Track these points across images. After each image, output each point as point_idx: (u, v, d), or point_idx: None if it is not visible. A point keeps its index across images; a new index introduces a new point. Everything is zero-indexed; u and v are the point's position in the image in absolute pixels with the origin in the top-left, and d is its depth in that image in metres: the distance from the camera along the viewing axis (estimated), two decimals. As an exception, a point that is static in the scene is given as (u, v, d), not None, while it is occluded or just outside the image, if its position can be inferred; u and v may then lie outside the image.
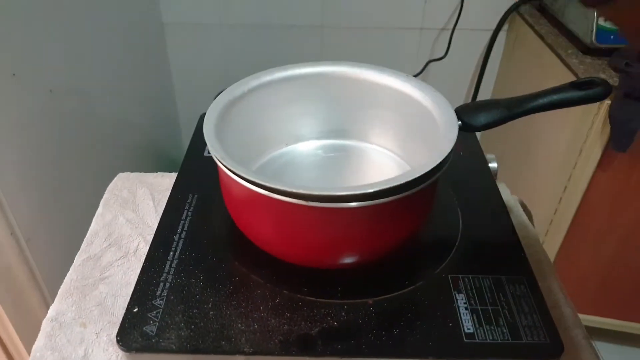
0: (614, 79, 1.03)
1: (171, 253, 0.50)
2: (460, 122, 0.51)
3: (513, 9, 1.31)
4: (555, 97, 0.52)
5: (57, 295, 0.56)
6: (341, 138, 0.60)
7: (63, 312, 0.54)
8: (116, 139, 1.11)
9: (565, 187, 1.13)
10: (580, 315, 1.32)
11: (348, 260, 0.47)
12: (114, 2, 1.08)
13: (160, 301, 0.46)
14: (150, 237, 0.62)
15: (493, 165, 0.62)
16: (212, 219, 0.54)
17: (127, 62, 1.17)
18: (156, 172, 1.28)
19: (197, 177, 0.59)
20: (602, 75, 1.05)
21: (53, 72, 0.85)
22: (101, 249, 0.61)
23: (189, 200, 0.56)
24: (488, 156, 0.63)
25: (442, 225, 0.54)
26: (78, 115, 0.94)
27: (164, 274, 0.48)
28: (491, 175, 0.60)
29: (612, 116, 1.03)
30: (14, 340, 0.81)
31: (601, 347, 1.39)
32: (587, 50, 1.10)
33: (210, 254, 0.50)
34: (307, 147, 0.60)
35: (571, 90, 0.52)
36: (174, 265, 0.49)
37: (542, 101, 0.52)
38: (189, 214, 0.54)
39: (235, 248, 0.51)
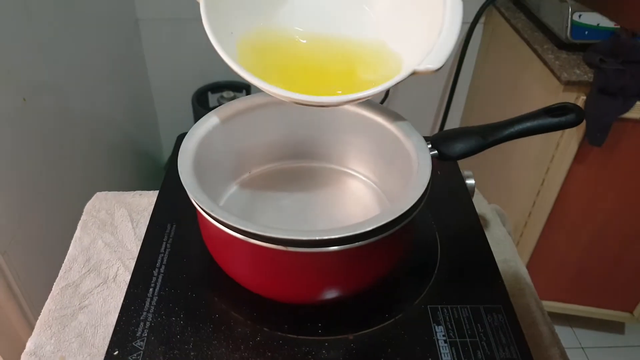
0: (588, 75, 1.03)
1: (151, 289, 0.49)
2: (436, 152, 0.50)
3: (490, 2, 1.29)
4: (529, 124, 0.52)
5: (35, 327, 0.55)
6: (317, 161, 0.59)
7: (42, 345, 0.53)
8: (94, 139, 1.08)
9: (543, 180, 1.14)
10: (557, 303, 1.35)
11: (328, 296, 0.46)
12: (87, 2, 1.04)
13: (141, 342, 0.45)
14: (129, 262, 0.61)
15: (470, 182, 0.62)
16: (191, 252, 0.53)
17: (103, 60, 1.13)
18: (136, 171, 1.26)
19: (175, 203, 0.58)
20: (577, 71, 1.05)
21: (25, 79, 0.82)
22: (80, 276, 0.60)
23: (167, 231, 0.55)
24: (465, 173, 0.63)
25: (420, 251, 0.54)
26: (54, 119, 0.91)
27: (144, 313, 0.47)
28: (468, 195, 0.60)
29: (587, 111, 1.03)
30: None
31: (577, 332, 1.43)
32: (562, 45, 1.10)
33: (189, 289, 0.49)
34: (286, 169, 0.59)
35: (545, 117, 0.52)
36: (153, 302, 0.48)
37: (517, 128, 0.52)
38: (168, 246, 0.53)
39: (215, 283, 0.50)
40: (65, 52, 0.95)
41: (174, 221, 0.56)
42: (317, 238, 0.39)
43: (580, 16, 1.07)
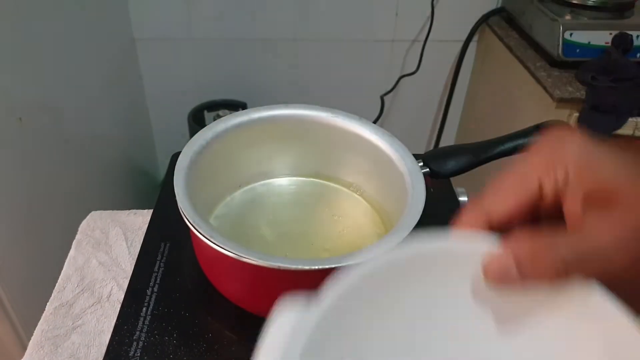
0: (581, 92, 1.04)
1: (144, 309, 0.49)
2: (428, 169, 0.51)
3: (482, 21, 1.31)
4: (520, 141, 0.52)
5: (28, 347, 0.54)
6: (311, 177, 0.60)
7: (35, 366, 0.53)
8: (90, 157, 1.09)
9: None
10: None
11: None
12: (83, 18, 1.05)
13: (134, 362, 0.45)
14: (123, 281, 0.61)
15: (463, 199, 0.63)
16: (185, 271, 0.53)
17: (99, 80, 1.14)
18: (132, 188, 1.26)
19: (169, 222, 0.58)
20: (569, 88, 1.06)
21: (21, 99, 0.83)
22: (73, 295, 0.59)
23: (161, 250, 0.55)
24: (458, 189, 0.63)
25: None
26: (50, 138, 0.92)
27: (137, 332, 0.47)
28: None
29: (580, 128, 1.04)
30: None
31: None
32: (554, 63, 1.11)
33: (183, 308, 0.49)
34: (279, 185, 0.59)
35: (536, 134, 0.52)
36: (147, 322, 0.48)
37: (507, 146, 0.52)
38: (161, 265, 0.53)
39: (208, 302, 0.50)
40: (62, 71, 0.96)
41: (168, 240, 0.56)
42: (316, 268, 0.39)
43: (571, 34, 1.08)
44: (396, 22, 1.32)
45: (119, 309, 0.49)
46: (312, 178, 0.59)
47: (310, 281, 0.44)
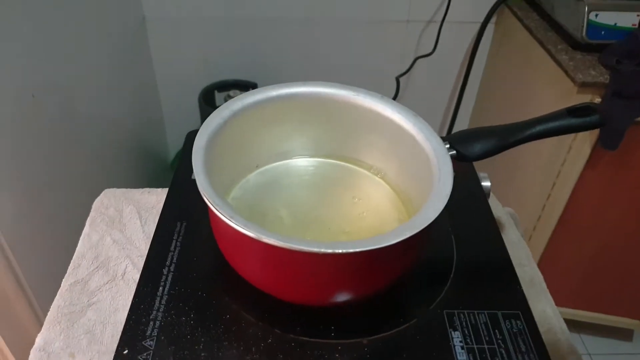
0: (604, 76, 1.01)
1: (160, 288, 0.48)
2: (454, 152, 0.49)
3: (502, 1, 1.28)
4: (551, 125, 0.50)
5: (45, 323, 0.54)
6: (329, 158, 0.58)
7: (51, 341, 0.52)
8: (101, 136, 1.08)
9: (554, 184, 1.13)
10: (565, 309, 1.34)
11: (342, 299, 0.45)
12: (94, 2, 1.03)
13: (151, 342, 0.44)
14: (137, 260, 0.60)
15: (486, 184, 0.61)
16: (202, 250, 0.52)
17: (109, 59, 1.12)
18: (143, 169, 1.25)
19: (185, 202, 0.57)
20: (592, 72, 1.03)
21: (34, 75, 0.82)
22: (88, 272, 0.59)
23: (177, 229, 0.54)
24: (480, 174, 0.62)
25: (436, 254, 0.52)
26: (61, 117, 0.91)
27: (154, 312, 0.46)
28: (484, 197, 0.59)
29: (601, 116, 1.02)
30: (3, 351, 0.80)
31: (584, 339, 1.41)
32: (577, 45, 1.08)
33: (200, 289, 0.48)
34: (297, 166, 0.58)
35: (567, 118, 0.50)
36: (163, 302, 0.47)
37: (538, 129, 0.50)
38: (178, 244, 0.52)
39: (226, 283, 0.49)
40: (73, 50, 0.94)
41: (184, 219, 0.55)
42: (339, 252, 0.38)
43: (597, 15, 1.04)
44: (411, 3, 1.29)
45: (133, 288, 0.48)
46: (332, 159, 0.58)
47: (330, 264, 0.43)
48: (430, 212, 0.41)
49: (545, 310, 0.57)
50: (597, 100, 1.02)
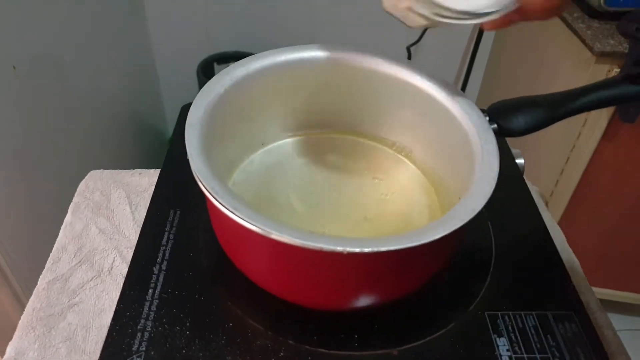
0: (624, 46, 0.92)
1: (150, 291, 0.39)
2: (495, 126, 0.40)
3: (513, -32, 1.17)
4: (607, 92, 0.41)
5: (17, 329, 0.45)
6: (345, 133, 0.49)
7: (24, 350, 0.44)
8: (92, 111, 0.97)
9: (568, 158, 1.04)
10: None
11: (366, 302, 0.37)
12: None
13: (138, 358, 0.35)
14: (127, 252, 0.51)
15: (520, 161, 0.52)
16: (199, 244, 0.43)
17: (103, 30, 1.02)
18: (140, 147, 1.14)
19: (179, 186, 0.48)
20: (611, 41, 0.94)
21: (14, 46, 0.71)
22: (70, 267, 0.50)
23: (170, 219, 0.44)
24: (514, 151, 0.53)
25: (472, 246, 0.43)
26: (49, 90, 0.81)
27: (142, 320, 0.37)
28: (521, 177, 0.50)
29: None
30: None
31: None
32: (594, 13, 0.98)
33: (197, 291, 0.39)
34: (309, 143, 0.49)
35: (625, 85, 0.41)
36: (153, 307, 0.38)
37: (591, 98, 0.41)
38: (171, 237, 0.43)
39: (228, 283, 0.40)
40: (61, 19, 0.84)
41: (178, 207, 0.45)
42: (368, 250, 0.29)
43: (614, -19, 0.95)
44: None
45: (122, 284, 0.40)
46: (349, 135, 0.48)
47: (355, 264, 0.34)
48: (476, 199, 0.32)
49: (589, 304, 0.48)
50: (616, 70, 0.93)
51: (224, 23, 1.23)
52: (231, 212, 0.31)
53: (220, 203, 0.31)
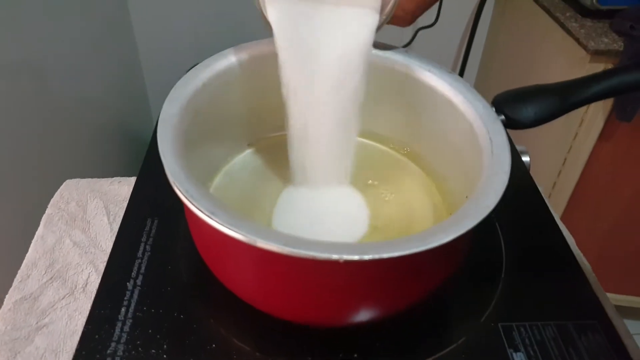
0: (618, 43, 0.89)
1: (123, 309, 0.34)
2: (503, 117, 0.36)
3: (502, -31, 1.14)
4: (618, 79, 0.37)
5: (-22, 355, 0.40)
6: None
7: (-15, 380, 0.39)
8: (73, 118, 0.92)
9: (565, 159, 1.00)
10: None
11: (365, 316, 0.32)
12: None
13: (108, 388, 0.30)
14: (103, 266, 0.46)
15: (526, 159, 0.48)
16: (178, 256, 0.38)
17: (87, 34, 0.97)
18: (126, 157, 1.08)
19: (157, 192, 0.43)
20: (605, 40, 0.90)
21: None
22: (40, 285, 0.45)
23: (147, 229, 0.40)
24: (519, 148, 0.49)
25: (480, 249, 0.39)
26: (27, 97, 0.75)
27: (113, 343, 0.32)
28: (528, 175, 0.46)
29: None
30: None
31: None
32: (586, 12, 0.95)
33: (176, 309, 0.34)
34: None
35: (637, 71, 0.37)
36: (126, 328, 0.33)
37: (605, 85, 0.37)
38: (147, 248, 0.38)
39: (210, 299, 0.35)
40: (41, 22, 0.79)
41: (156, 215, 0.41)
42: (368, 258, 0.24)
43: (606, -20, 0.92)
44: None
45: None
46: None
47: (354, 274, 0.29)
48: (488, 195, 0.28)
49: (605, 309, 0.44)
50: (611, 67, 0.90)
51: (214, 28, 1.18)
52: (209, 217, 0.26)
53: (196, 207, 0.27)
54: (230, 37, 1.19)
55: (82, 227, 0.50)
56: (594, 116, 0.94)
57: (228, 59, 0.37)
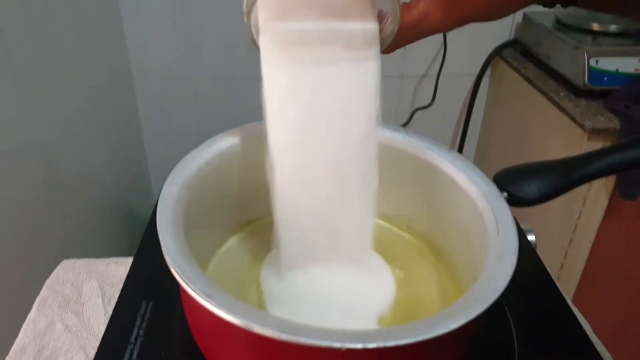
0: (614, 122, 0.90)
1: (111, 402, 0.32)
2: (505, 194, 0.35)
3: (495, 54, 1.19)
4: (622, 156, 0.37)
5: None
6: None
7: None
8: (77, 198, 0.92)
9: (571, 240, 0.99)
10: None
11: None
12: (77, 49, 0.91)
13: None
14: (94, 352, 0.44)
15: (532, 238, 0.47)
16: (173, 341, 0.36)
17: (94, 116, 0.99)
18: (127, 236, 1.06)
19: (154, 273, 0.42)
20: (601, 118, 0.92)
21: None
22: (27, 373, 0.42)
23: (141, 311, 0.38)
24: (524, 227, 0.48)
25: (488, 332, 0.37)
26: (36, 178, 0.76)
27: None
28: (535, 255, 0.45)
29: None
30: None
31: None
32: (579, 92, 0.98)
33: (169, 400, 0.32)
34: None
35: (641, 147, 0.37)
36: (114, 423, 0.31)
37: (607, 162, 0.37)
38: (141, 333, 0.36)
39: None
40: (47, 103, 0.81)
41: (151, 298, 0.39)
42: (373, 346, 0.23)
43: (597, 62, 0.96)
44: (404, 58, 1.20)
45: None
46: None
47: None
48: (499, 278, 0.27)
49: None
50: (610, 146, 0.91)
51: (216, 110, 1.22)
52: (204, 299, 0.25)
53: (191, 288, 0.25)
54: (228, 120, 1.21)
55: (75, 309, 0.48)
56: (596, 195, 0.94)
57: (229, 140, 0.37)
